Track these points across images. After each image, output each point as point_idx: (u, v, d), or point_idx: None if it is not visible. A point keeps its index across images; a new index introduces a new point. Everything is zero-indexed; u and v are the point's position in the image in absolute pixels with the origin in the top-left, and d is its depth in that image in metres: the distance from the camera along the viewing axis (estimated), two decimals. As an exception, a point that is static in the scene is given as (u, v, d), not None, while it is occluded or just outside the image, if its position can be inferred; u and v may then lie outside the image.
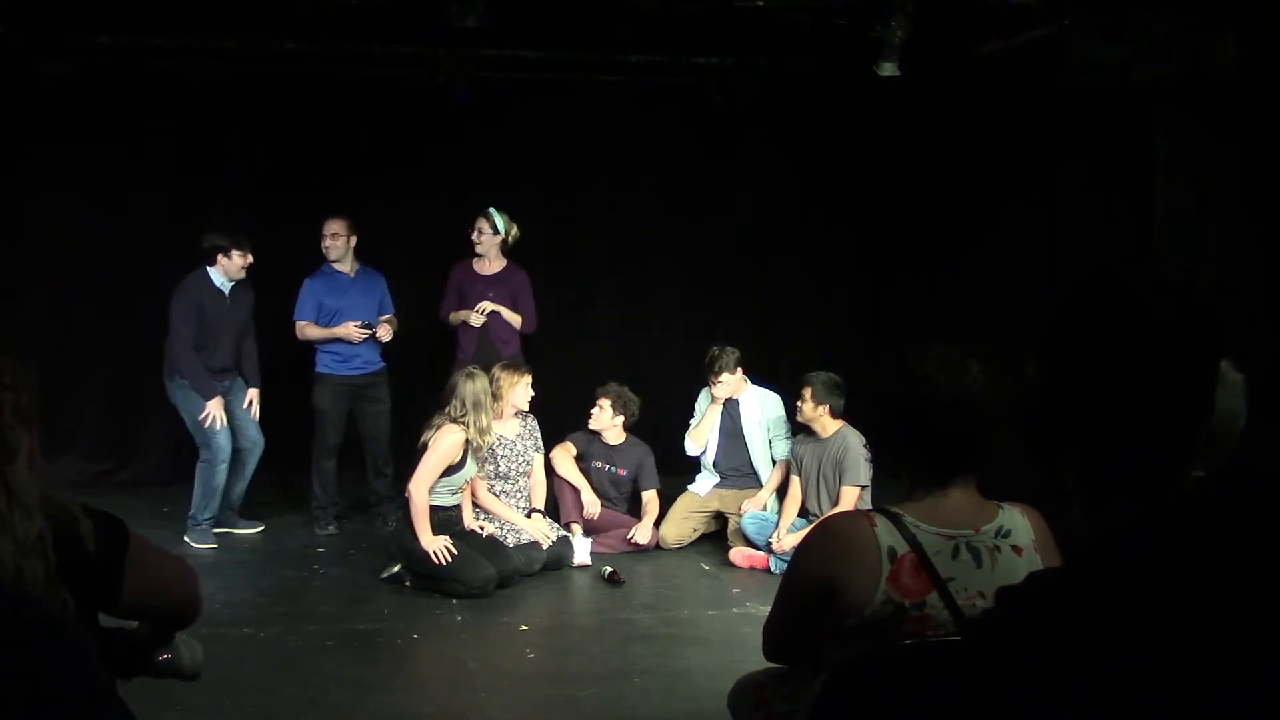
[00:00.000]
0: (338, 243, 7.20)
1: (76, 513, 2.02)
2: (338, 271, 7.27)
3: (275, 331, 7.36)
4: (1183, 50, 5.49)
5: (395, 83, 8.25)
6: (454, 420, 6.24)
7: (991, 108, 7.56)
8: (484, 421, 6.26)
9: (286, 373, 7.50)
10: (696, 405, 7.41)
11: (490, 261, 7.55)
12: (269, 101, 8.23)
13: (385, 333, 7.27)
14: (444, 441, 6.21)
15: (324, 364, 7.25)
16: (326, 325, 7.19)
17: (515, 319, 7.51)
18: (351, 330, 7.14)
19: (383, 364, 7.40)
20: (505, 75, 8.20)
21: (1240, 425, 1.42)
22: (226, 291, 7.00)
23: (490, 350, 7.40)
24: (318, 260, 7.35)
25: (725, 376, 7.07)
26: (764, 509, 6.99)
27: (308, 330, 7.21)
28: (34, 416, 1.99)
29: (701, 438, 7.30)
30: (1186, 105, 5.80)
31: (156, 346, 8.25)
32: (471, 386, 6.28)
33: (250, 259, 6.99)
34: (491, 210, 7.50)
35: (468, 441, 6.24)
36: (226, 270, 6.93)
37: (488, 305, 7.42)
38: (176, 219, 8.34)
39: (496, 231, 7.47)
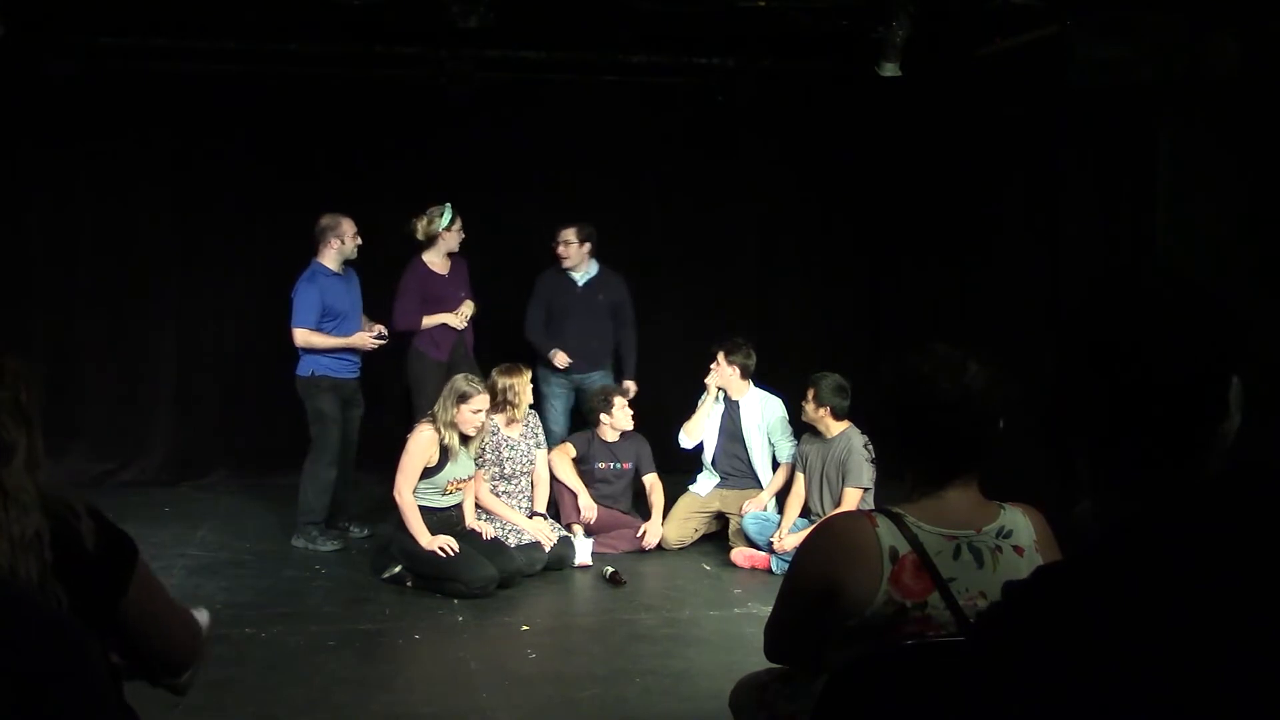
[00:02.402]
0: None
1: (80, 511, 2.01)
2: (336, 273, 7.00)
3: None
4: (1184, 50, 5.49)
5: (397, 83, 8.26)
6: (429, 420, 6.29)
7: (993, 108, 7.55)
8: (446, 417, 6.24)
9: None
10: (700, 405, 7.41)
11: (445, 260, 7.44)
12: (271, 102, 8.24)
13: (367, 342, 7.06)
14: (413, 442, 6.25)
15: (326, 366, 6.94)
16: (335, 330, 6.94)
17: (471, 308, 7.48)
18: (367, 340, 6.95)
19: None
20: (507, 76, 8.20)
21: (1235, 426, 1.42)
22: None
23: (461, 349, 7.38)
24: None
25: (721, 361, 7.07)
26: (765, 509, 6.99)
27: (313, 339, 6.86)
28: (35, 415, 1.99)
29: (695, 431, 7.30)
30: (1189, 106, 5.80)
31: (158, 346, 8.28)
32: (449, 386, 6.31)
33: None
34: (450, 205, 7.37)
35: (443, 442, 6.25)
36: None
37: (470, 306, 7.38)
38: (178, 219, 8.37)
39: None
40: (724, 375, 7.14)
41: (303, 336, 6.85)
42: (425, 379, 7.25)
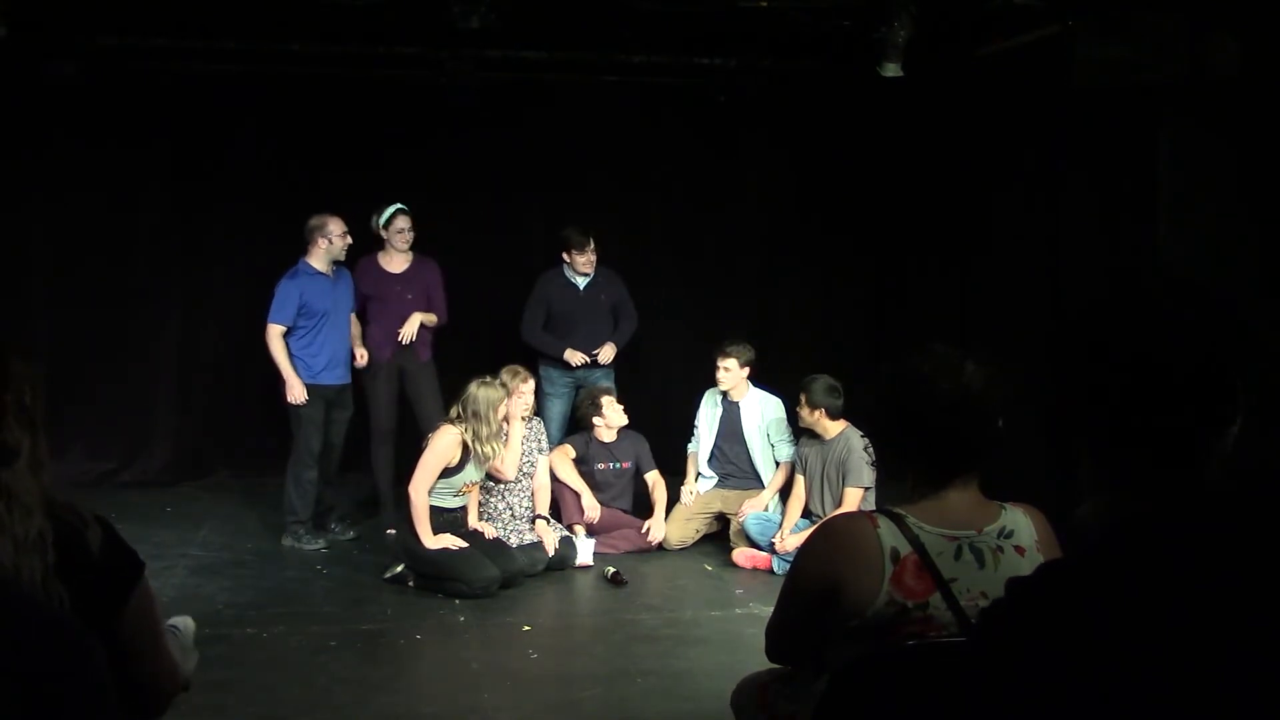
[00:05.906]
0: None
1: (89, 519, 2.01)
2: (322, 273, 6.99)
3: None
4: (1185, 51, 5.48)
5: (399, 83, 8.26)
6: (452, 422, 6.26)
7: (994, 108, 7.55)
8: (484, 431, 6.23)
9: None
10: (698, 414, 7.40)
11: (402, 257, 7.40)
12: (273, 102, 8.24)
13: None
14: (440, 442, 6.22)
15: (305, 370, 6.92)
16: (314, 329, 6.93)
17: (431, 318, 7.38)
18: (297, 393, 6.85)
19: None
20: (508, 76, 8.20)
21: (1235, 428, 1.42)
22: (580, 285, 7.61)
23: (411, 355, 7.31)
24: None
25: (734, 367, 7.07)
26: (765, 510, 6.99)
27: (274, 345, 6.86)
28: (39, 417, 1.98)
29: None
30: (1189, 106, 5.80)
31: (158, 346, 8.26)
32: (482, 394, 6.27)
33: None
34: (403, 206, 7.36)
35: (466, 444, 6.24)
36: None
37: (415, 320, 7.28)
38: (180, 219, 8.38)
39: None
40: (732, 379, 7.14)
41: (271, 333, 6.87)
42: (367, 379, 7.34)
